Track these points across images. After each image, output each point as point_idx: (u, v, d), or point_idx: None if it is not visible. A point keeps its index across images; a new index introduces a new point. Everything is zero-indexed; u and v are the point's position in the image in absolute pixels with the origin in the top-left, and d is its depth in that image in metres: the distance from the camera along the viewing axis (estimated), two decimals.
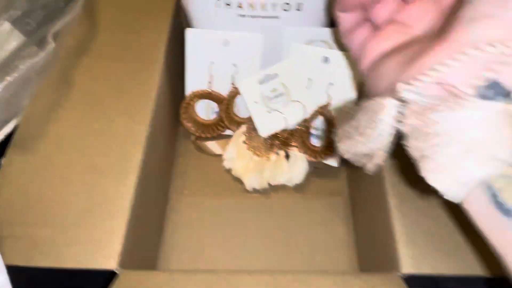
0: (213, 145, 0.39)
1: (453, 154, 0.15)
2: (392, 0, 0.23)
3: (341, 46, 0.36)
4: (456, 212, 0.26)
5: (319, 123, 0.36)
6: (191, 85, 0.36)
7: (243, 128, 0.37)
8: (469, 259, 0.24)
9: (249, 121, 0.37)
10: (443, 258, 0.24)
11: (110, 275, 0.23)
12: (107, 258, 0.23)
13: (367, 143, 0.18)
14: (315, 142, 0.37)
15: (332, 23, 0.37)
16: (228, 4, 0.33)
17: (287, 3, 0.33)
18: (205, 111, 0.38)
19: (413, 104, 0.16)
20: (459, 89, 0.15)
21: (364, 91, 0.34)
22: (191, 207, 0.35)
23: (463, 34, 0.16)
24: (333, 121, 0.35)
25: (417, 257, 0.24)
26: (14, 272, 0.23)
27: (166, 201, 0.35)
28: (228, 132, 0.39)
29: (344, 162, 0.38)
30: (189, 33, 0.34)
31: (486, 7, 0.16)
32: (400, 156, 0.20)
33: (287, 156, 0.37)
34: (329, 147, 0.36)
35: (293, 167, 0.36)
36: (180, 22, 0.37)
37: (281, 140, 0.37)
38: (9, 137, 0.29)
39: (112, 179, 0.26)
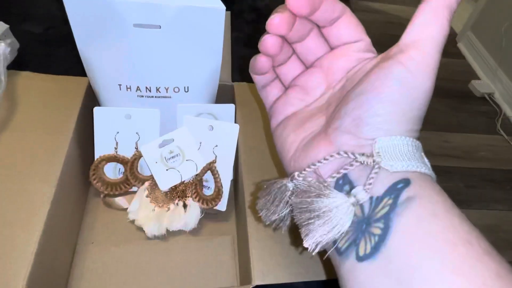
0: (121, 200, 0.45)
1: (315, 224, 0.21)
2: (295, 64, 0.29)
3: (223, 117, 0.46)
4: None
5: (208, 176, 0.45)
6: (99, 151, 0.44)
7: (146, 184, 0.45)
8: (309, 270, 0.33)
9: (151, 178, 0.45)
10: (285, 271, 0.33)
11: None
12: None
13: (276, 212, 0.25)
14: (206, 192, 0.45)
15: (215, 99, 0.48)
16: (129, 88, 0.42)
17: (177, 87, 0.43)
18: (113, 172, 0.45)
19: (299, 187, 0.24)
20: (325, 179, 0.23)
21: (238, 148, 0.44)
22: (97, 255, 0.40)
23: (336, 140, 0.23)
24: (217, 174, 0.44)
25: (265, 272, 0.32)
26: None
27: (73, 252, 0.40)
28: (134, 189, 0.46)
29: (233, 206, 0.47)
30: (96, 111, 0.42)
31: (348, 126, 0.23)
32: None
33: (184, 206, 0.44)
34: (218, 195, 0.44)
35: (189, 214, 0.43)
36: (92, 101, 0.45)
37: (179, 193, 0.45)
38: None
39: (20, 230, 0.31)
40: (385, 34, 2.14)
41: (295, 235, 0.35)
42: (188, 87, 0.44)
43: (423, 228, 0.18)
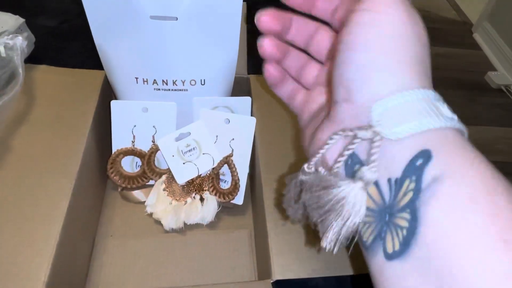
0: (138, 194, 0.45)
1: (328, 220, 0.19)
2: (315, 65, 0.28)
3: (239, 110, 0.46)
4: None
5: (225, 169, 0.45)
6: (117, 144, 0.44)
7: (163, 177, 0.44)
8: (329, 265, 0.32)
9: (168, 171, 0.44)
10: (305, 266, 0.32)
11: None
12: None
13: (301, 209, 0.24)
14: (223, 185, 0.45)
15: (232, 92, 0.47)
16: (145, 81, 0.42)
17: (193, 80, 0.43)
18: (130, 165, 0.45)
19: (307, 181, 0.21)
20: (332, 165, 0.20)
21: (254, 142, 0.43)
22: (116, 248, 0.40)
23: (336, 117, 0.21)
24: (234, 168, 0.43)
25: (285, 267, 0.32)
26: None
27: (92, 244, 0.40)
28: (151, 182, 0.46)
29: (249, 200, 0.47)
30: (113, 104, 0.42)
31: (344, 96, 0.20)
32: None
33: (201, 199, 0.44)
34: (235, 189, 0.44)
35: (206, 207, 0.43)
36: (109, 95, 0.45)
37: (196, 186, 0.44)
38: None
39: (40, 225, 0.32)
40: None
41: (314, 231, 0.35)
42: (204, 79, 0.43)
43: (460, 219, 0.15)
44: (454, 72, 1.90)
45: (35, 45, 0.51)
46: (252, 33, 0.57)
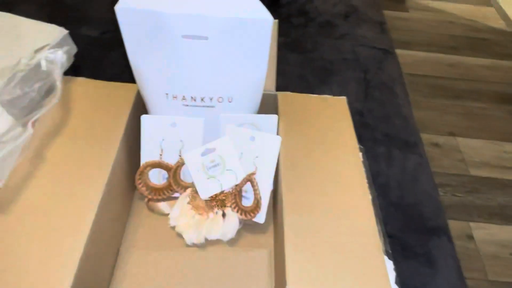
0: (163, 205, 0.46)
1: None
2: None
3: (265, 128, 0.46)
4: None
5: (248, 187, 0.45)
6: (145, 157, 0.45)
7: (188, 191, 0.45)
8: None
9: (193, 185, 0.45)
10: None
11: None
12: None
13: None
14: (245, 202, 0.45)
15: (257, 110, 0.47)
16: (175, 97, 0.43)
17: (221, 97, 0.44)
18: (157, 177, 0.46)
19: None
20: None
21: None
22: (139, 259, 0.41)
23: None
24: (257, 186, 0.43)
25: None
26: None
27: (116, 254, 0.42)
28: (176, 194, 0.47)
29: (271, 219, 0.46)
30: (143, 118, 0.43)
31: None
32: None
33: (223, 215, 0.44)
34: (256, 207, 0.44)
35: (227, 224, 0.43)
36: (140, 107, 0.47)
37: (218, 202, 0.45)
38: None
39: (67, 235, 0.33)
40: (443, 35, 2.02)
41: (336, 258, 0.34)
42: (232, 97, 0.44)
43: None
44: (499, 85, 1.80)
45: (77, 53, 0.53)
46: (283, 46, 0.57)
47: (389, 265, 0.35)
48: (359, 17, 0.81)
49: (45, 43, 0.47)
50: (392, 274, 0.35)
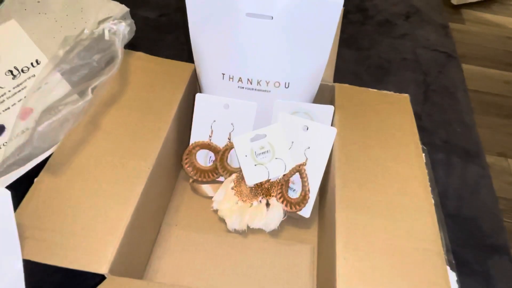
0: (207, 188, 0.45)
1: None
2: None
3: (320, 118, 0.44)
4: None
5: (296, 178, 0.43)
6: (195, 136, 0.44)
7: (233, 176, 0.44)
8: None
9: (239, 171, 0.44)
10: None
11: (101, 278, 0.29)
12: (100, 264, 0.29)
13: None
14: (292, 194, 0.43)
15: (313, 98, 0.45)
16: (231, 78, 0.42)
17: (278, 82, 0.42)
18: (204, 159, 0.45)
19: None
20: None
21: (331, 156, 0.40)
22: (179, 238, 0.41)
23: None
24: (306, 178, 0.41)
25: None
26: (28, 265, 0.29)
27: (158, 230, 0.41)
28: (221, 178, 0.45)
29: (316, 214, 0.44)
30: (198, 97, 0.42)
31: None
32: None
33: (267, 204, 0.43)
34: (303, 200, 0.42)
35: (271, 214, 0.42)
36: (194, 87, 0.46)
37: (264, 190, 0.43)
38: (44, 162, 0.36)
39: (115, 203, 0.33)
40: (499, 50, 1.90)
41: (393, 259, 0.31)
42: (289, 83, 0.42)
43: None
44: None
45: (135, 34, 0.54)
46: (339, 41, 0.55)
47: (452, 276, 0.32)
48: (421, 18, 0.77)
49: (108, 15, 0.47)
50: (455, 287, 0.31)
